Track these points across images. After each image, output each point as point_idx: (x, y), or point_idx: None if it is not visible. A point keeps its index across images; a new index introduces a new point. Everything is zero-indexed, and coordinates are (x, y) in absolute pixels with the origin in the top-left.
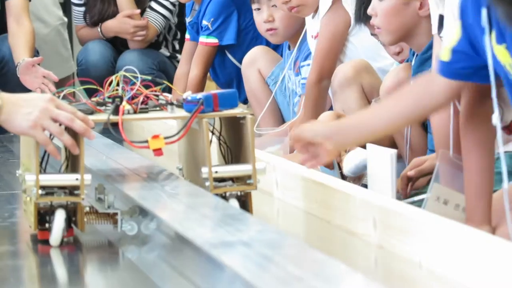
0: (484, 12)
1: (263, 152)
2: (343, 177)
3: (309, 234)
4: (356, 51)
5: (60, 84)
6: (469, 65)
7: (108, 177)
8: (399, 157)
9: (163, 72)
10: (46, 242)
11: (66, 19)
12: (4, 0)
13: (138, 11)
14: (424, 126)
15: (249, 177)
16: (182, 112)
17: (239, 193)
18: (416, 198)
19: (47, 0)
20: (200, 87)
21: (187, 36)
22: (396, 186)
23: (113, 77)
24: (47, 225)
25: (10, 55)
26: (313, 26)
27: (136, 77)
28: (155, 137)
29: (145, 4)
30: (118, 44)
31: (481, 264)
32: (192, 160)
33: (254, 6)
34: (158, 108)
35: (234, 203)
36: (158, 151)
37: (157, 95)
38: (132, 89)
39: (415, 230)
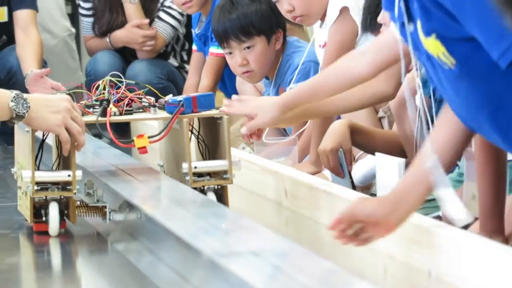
0: (397, 5)
1: (271, 161)
2: (354, 186)
3: (318, 243)
4: None
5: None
6: None
7: (98, 174)
8: (408, 166)
9: (171, 82)
10: (41, 233)
11: (73, 30)
12: (12, 11)
13: (147, 21)
14: None
15: (225, 172)
16: (164, 114)
17: (216, 187)
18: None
19: (55, 12)
20: None
21: (194, 47)
22: None
23: (100, 82)
24: (43, 218)
25: (18, 66)
26: (321, 35)
27: (121, 81)
28: (140, 136)
29: (153, 14)
30: (126, 54)
31: (492, 274)
32: (173, 157)
33: (225, 51)
34: (142, 110)
35: (212, 196)
36: (142, 149)
37: (140, 98)
38: (117, 93)
39: (424, 239)
